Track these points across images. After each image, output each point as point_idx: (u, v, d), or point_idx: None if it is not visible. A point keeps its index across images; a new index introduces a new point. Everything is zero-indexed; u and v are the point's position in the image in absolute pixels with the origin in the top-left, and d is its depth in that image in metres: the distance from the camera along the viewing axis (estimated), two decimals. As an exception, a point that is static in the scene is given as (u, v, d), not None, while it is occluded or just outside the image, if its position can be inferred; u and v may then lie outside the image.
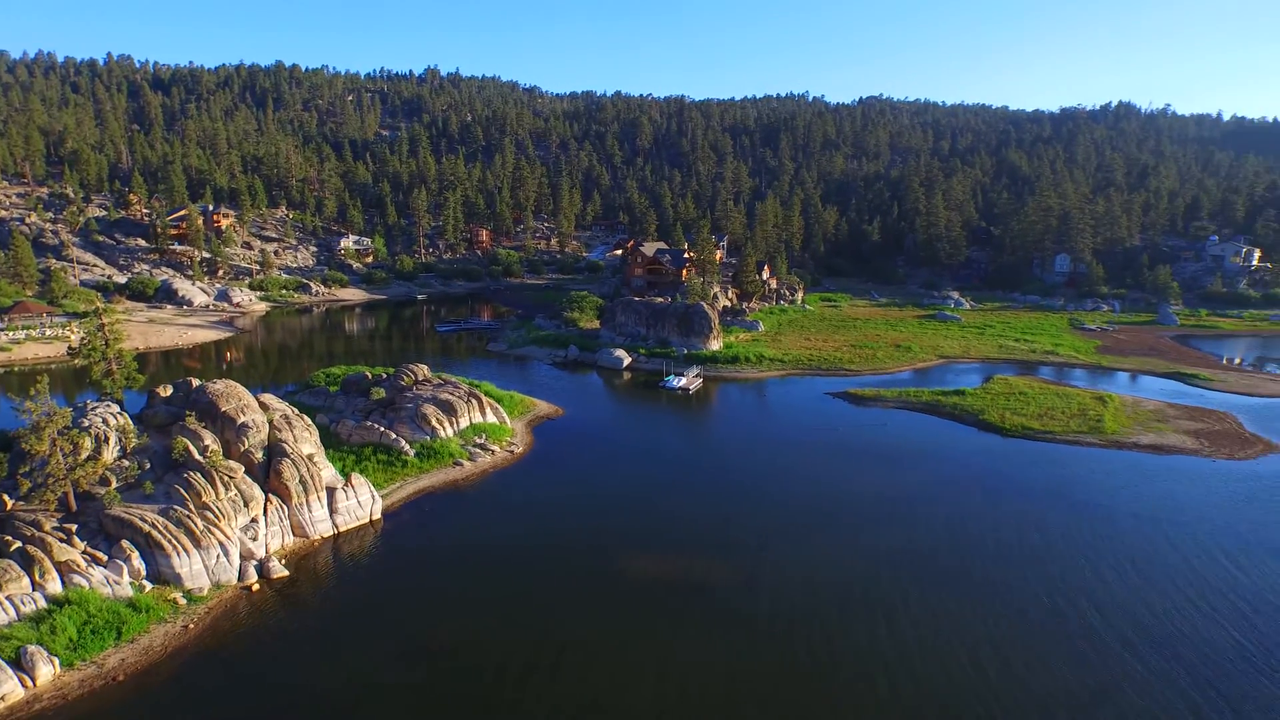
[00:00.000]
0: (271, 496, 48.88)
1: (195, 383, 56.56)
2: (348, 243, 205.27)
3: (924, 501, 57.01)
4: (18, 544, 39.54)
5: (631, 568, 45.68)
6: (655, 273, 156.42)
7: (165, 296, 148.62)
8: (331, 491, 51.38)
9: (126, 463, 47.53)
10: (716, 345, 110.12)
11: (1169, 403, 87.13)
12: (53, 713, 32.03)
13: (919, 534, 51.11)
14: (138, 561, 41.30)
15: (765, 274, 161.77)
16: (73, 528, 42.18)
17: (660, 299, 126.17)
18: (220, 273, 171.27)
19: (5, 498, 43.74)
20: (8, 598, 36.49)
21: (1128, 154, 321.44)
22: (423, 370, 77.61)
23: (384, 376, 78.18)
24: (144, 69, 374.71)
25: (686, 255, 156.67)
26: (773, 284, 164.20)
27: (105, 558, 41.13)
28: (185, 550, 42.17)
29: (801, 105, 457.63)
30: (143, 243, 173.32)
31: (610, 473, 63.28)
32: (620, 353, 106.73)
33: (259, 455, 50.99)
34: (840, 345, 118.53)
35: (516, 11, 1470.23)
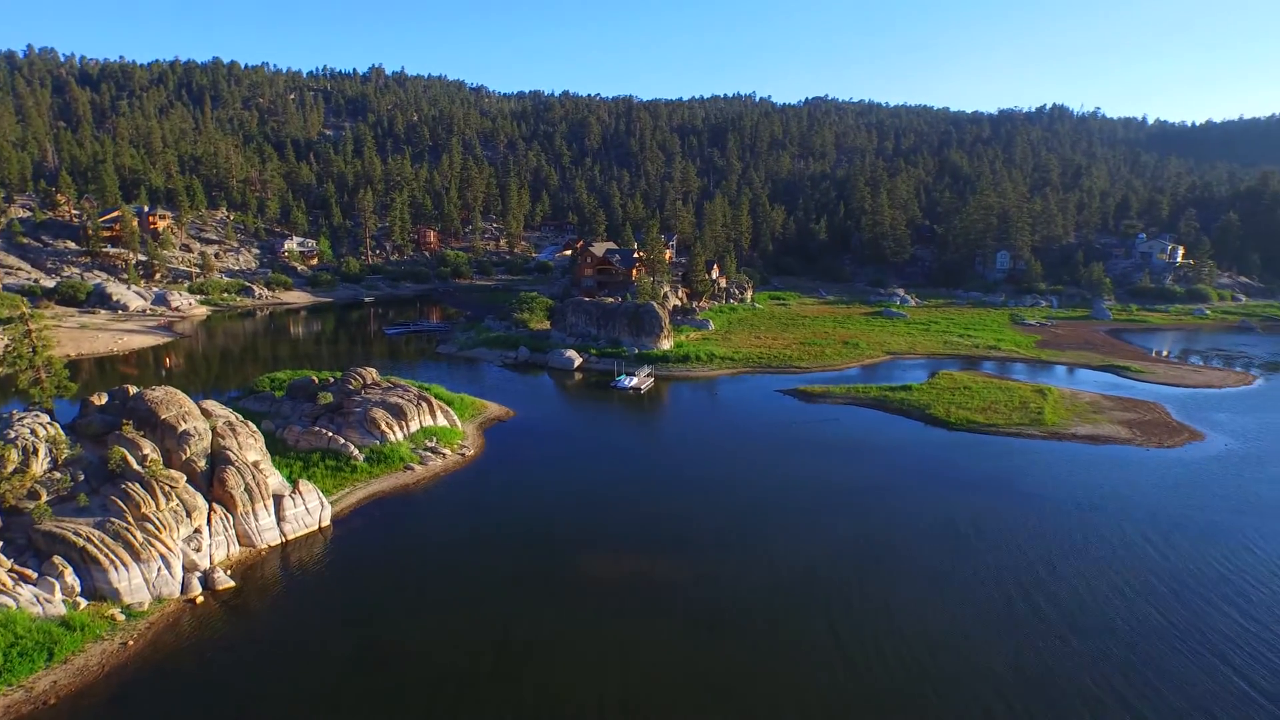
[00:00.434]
0: (216, 506, 47.42)
1: (132, 390, 54.52)
2: (292, 245, 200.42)
3: (874, 494, 58.13)
4: (-60, 562, 37.63)
5: (588, 567, 45.57)
6: (605, 273, 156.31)
7: (99, 301, 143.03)
8: (279, 499, 50.09)
9: (58, 475, 45.55)
10: (667, 344, 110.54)
11: (1104, 394, 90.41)
12: (-19, 738, 30.60)
13: (870, 526, 52.08)
14: (71, 578, 39.61)
15: (715, 273, 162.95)
16: None
17: (611, 299, 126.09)
18: (158, 276, 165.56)
19: (-74, 514, 41.60)
20: (-70, 619, 34.70)
21: (1062, 155, 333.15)
22: (371, 374, 76.22)
23: (331, 381, 76.55)
24: (69, 63, 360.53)
25: (636, 255, 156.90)
26: (722, 283, 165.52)
27: (35, 575, 39.33)
28: (123, 564, 40.61)
29: (748, 106, 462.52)
30: (73, 245, 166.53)
31: (564, 473, 63.00)
32: (571, 353, 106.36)
33: (202, 464, 49.44)
34: (790, 343, 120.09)
35: (463, 9, 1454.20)
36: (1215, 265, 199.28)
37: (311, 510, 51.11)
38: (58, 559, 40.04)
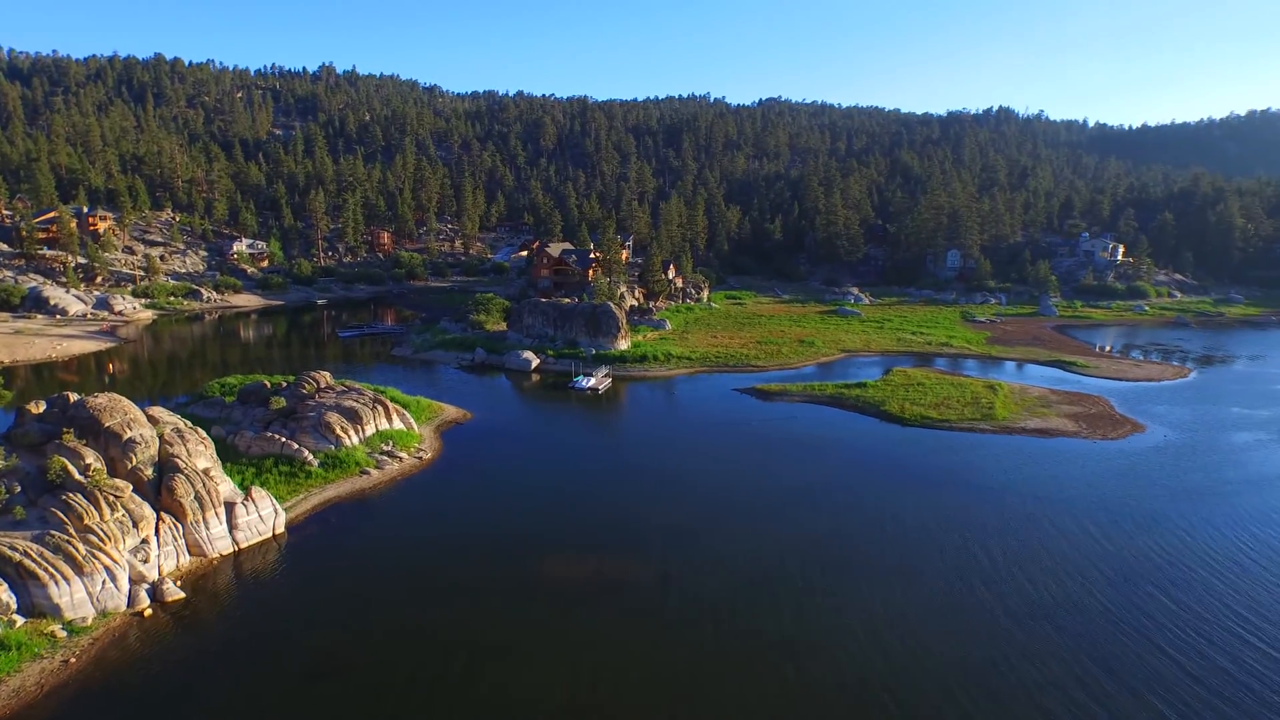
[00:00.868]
0: (164, 515, 46.12)
1: (73, 397, 52.72)
2: (241, 246, 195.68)
3: (830, 491, 59.05)
4: None
5: (547, 568, 45.45)
6: (561, 273, 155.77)
7: (35, 305, 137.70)
8: (231, 506, 48.94)
9: (-6, 487, 43.89)
10: (625, 345, 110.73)
11: (1051, 389, 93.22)
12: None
13: (825, 522, 52.91)
14: (6, 595, 38.03)
15: (671, 273, 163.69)
16: (-67, 560, 38.65)
17: (567, 299, 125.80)
18: (99, 279, 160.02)
19: None
20: None
21: (1008, 156, 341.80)
22: (325, 377, 74.93)
23: (284, 385, 75.06)
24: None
25: (592, 255, 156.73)
26: (679, 283, 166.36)
27: (-29, 591, 37.85)
28: (64, 578, 39.25)
29: (703, 106, 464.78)
30: (4, 247, 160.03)
31: (521, 475, 62.71)
32: (528, 354, 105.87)
33: (149, 472, 48.06)
34: (746, 342, 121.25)
35: (415, 8, 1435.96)
36: (1153, 263, 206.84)
37: (265, 517, 50.05)
38: (-6, 574, 38.56)
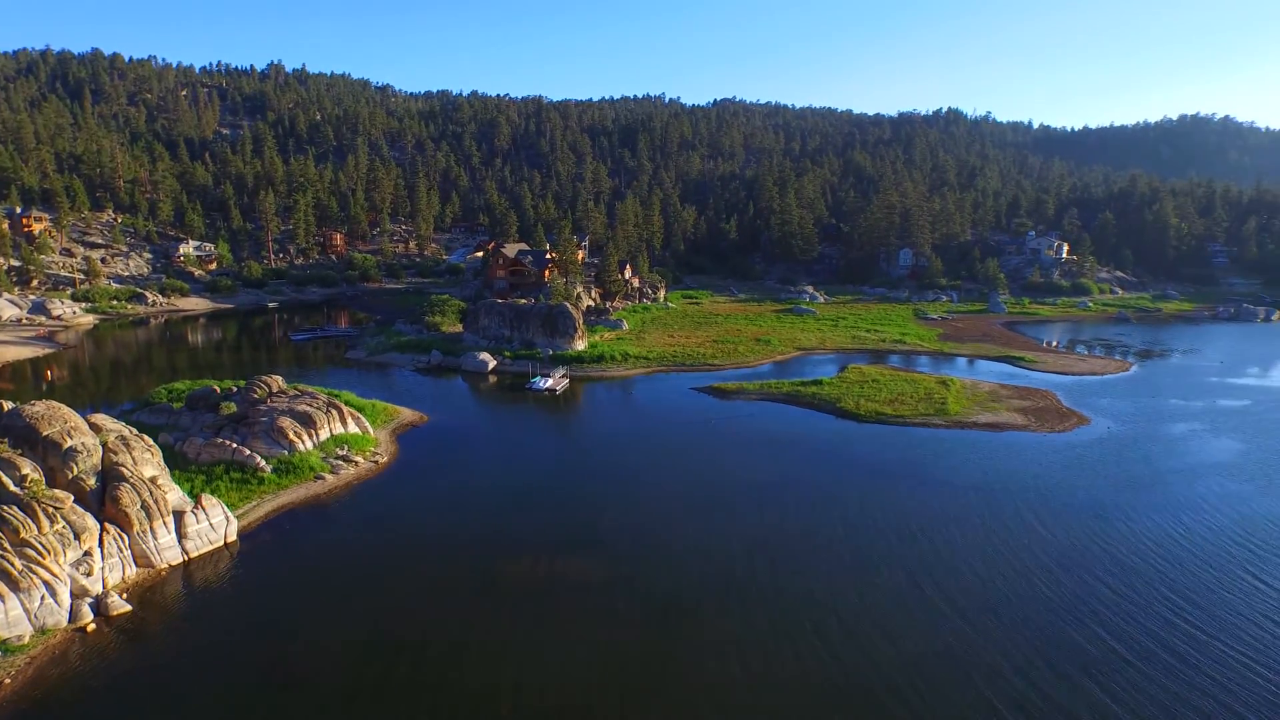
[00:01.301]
0: (109, 526, 44.82)
1: (8, 406, 50.96)
2: (188, 248, 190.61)
3: (786, 488, 59.79)
4: None
5: (506, 570, 45.29)
6: (518, 274, 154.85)
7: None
8: (180, 515, 47.77)
9: (-73, 500, 42.21)
10: (582, 345, 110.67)
11: (1002, 384, 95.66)
12: None
13: (781, 519, 53.61)
14: (-58, 611, 36.80)
15: (628, 273, 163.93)
16: None
17: (524, 300, 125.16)
18: (35, 283, 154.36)
19: None
20: None
21: (958, 156, 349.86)
22: (277, 382, 73.54)
23: (234, 390, 73.51)
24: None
25: (549, 256, 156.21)
26: (635, 283, 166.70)
27: (-96, 608, 36.39)
28: None
29: (658, 106, 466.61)
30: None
31: (479, 477, 62.33)
32: (485, 356, 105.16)
33: (91, 482, 46.67)
34: (703, 341, 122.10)
35: (365, 4, 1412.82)
36: (1095, 261, 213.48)
37: (216, 526, 48.98)
38: (-72, 591, 37.14)
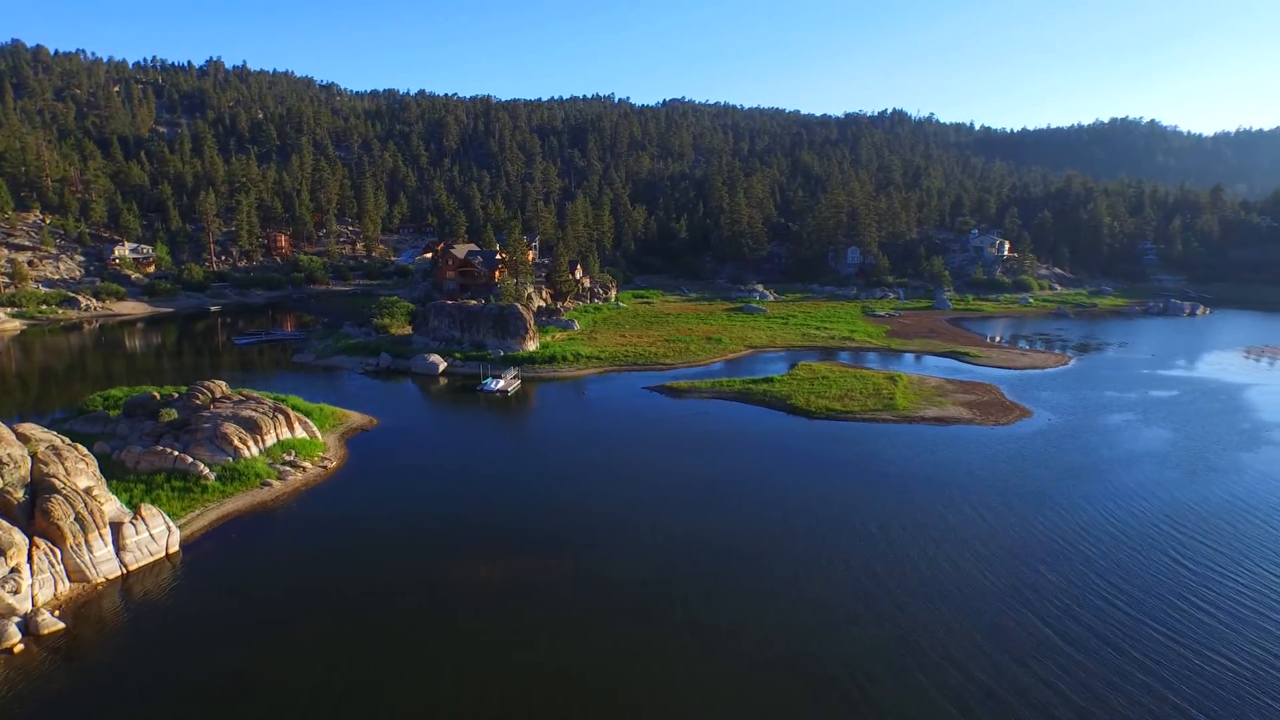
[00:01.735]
0: (39, 540, 43.12)
1: (-68, 417, 48.82)
2: (123, 251, 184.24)
3: (739, 484, 60.56)
4: None
5: (458, 573, 44.96)
6: (468, 275, 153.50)
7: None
8: (117, 527, 46.25)
9: None
10: (533, 346, 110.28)
11: (947, 379, 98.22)
12: None
13: (735, 514, 54.26)
14: None
15: (578, 273, 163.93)
16: None
17: (474, 301, 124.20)
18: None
19: None
20: None
21: (903, 156, 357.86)
22: (220, 387, 71.70)
23: (175, 396, 71.48)
24: None
25: (499, 256, 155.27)
26: (586, 283, 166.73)
27: None
28: (-71, 611, 36.39)
29: (608, 106, 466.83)
30: None
31: (431, 480, 61.73)
32: (435, 358, 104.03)
33: (19, 494, 44.92)
34: (655, 340, 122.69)
35: (308, 1, 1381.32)
36: (1035, 258, 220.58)
37: (157, 536, 47.55)
38: None
